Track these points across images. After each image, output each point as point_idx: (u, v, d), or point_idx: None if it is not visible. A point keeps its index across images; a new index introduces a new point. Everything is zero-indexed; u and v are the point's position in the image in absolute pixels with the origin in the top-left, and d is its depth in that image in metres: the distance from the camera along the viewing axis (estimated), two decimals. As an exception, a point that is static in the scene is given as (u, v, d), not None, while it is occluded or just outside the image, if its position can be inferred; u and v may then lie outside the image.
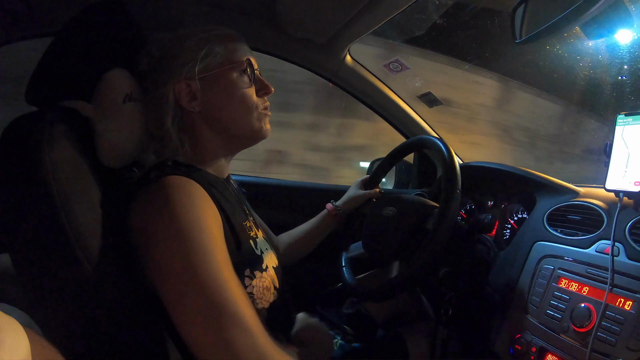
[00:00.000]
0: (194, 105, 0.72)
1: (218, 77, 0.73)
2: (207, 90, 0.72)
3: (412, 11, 1.95)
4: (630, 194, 0.76)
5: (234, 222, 0.72)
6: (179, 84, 0.71)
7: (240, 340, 0.55)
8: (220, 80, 0.73)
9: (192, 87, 0.72)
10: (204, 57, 0.72)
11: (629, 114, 0.78)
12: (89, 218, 0.60)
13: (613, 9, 0.64)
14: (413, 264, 0.80)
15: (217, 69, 0.73)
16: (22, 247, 0.57)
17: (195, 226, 0.60)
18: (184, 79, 0.71)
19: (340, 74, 1.27)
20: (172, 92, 0.71)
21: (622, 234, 0.72)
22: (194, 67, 0.71)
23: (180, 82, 0.71)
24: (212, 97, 0.73)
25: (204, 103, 0.73)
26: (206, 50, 0.72)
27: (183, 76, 0.71)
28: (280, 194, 1.45)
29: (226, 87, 0.74)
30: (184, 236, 0.58)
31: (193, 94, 0.72)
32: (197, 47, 0.72)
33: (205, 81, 0.72)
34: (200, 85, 0.72)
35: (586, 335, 0.67)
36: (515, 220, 1.04)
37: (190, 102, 0.72)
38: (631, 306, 0.64)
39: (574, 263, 0.76)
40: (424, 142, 1.01)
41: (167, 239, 0.59)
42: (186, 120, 0.73)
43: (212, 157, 0.78)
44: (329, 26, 1.04)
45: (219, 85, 0.73)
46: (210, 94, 0.73)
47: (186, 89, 0.72)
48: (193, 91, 0.72)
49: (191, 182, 0.65)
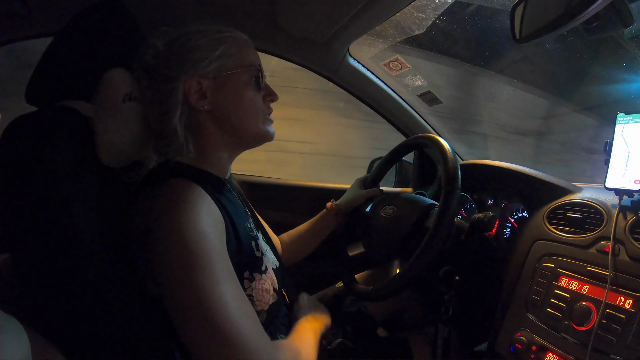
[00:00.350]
0: (203, 103, 0.72)
1: (230, 79, 0.73)
2: (217, 90, 0.72)
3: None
4: (630, 193, 0.76)
5: (237, 223, 0.71)
6: (190, 80, 0.70)
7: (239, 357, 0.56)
8: (232, 82, 0.73)
9: (203, 85, 0.71)
10: (219, 57, 0.72)
11: (629, 113, 0.78)
12: (89, 217, 0.60)
13: (612, 6, 0.64)
14: (413, 262, 0.80)
15: (231, 70, 0.73)
16: (23, 246, 0.57)
17: (197, 236, 0.59)
18: (196, 75, 0.71)
19: (340, 73, 1.27)
20: (183, 88, 0.70)
21: (622, 233, 0.72)
22: (208, 65, 0.71)
23: (192, 78, 0.70)
24: (222, 98, 0.73)
25: (212, 102, 0.72)
26: (221, 50, 0.72)
27: (196, 72, 0.70)
28: (280, 193, 1.46)
29: (237, 90, 0.74)
30: (185, 247, 0.58)
31: (203, 92, 0.72)
32: (212, 46, 0.72)
33: (217, 81, 0.72)
34: (212, 85, 0.72)
35: (586, 333, 0.67)
36: (515, 218, 1.05)
37: (200, 100, 0.72)
38: (631, 305, 0.64)
39: (574, 262, 0.76)
40: (424, 141, 1.01)
41: (169, 248, 0.58)
42: (192, 118, 0.72)
43: (216, 157, 0.77)
44: (329, 25, 1.04)
45: (231, 87, 0.73)
46: (220, 95, 0.72)
47: (196, 86, 0.71)
48: (203, 89, 0.71)
49: (194, 187, 0.65)
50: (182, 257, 0.57)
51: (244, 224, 0.75)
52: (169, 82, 0.70)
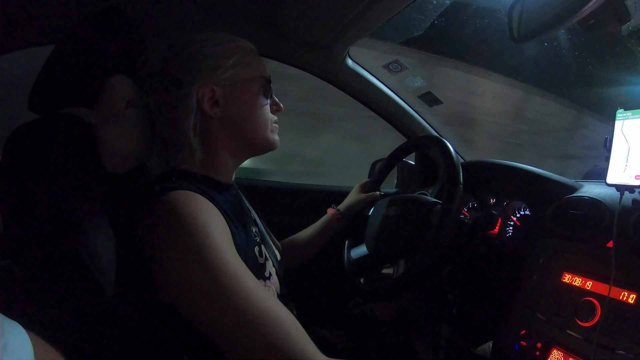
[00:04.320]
0: (216, 110, 0.72)
1: (243, 88, 0.74)
2: (230, 99, 0.73)
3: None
4: (631, 188, 0.76)
5: (241, 230, 0.72)
6: (204, 87, 0.70)
7: (280, 338, 0.58)
8: (244, 91, 0.74)
9: (217, 92, 0.71)
10: (233, 66, 0.72)
11: (628, 108, 0.79)
12: (93, 224, 0.60)
13: (609, 3, 0.65)
14: (416, 263, 0.80)
15: (244, 79, 0.74)
16: (27, 254, 0.57)
17: (207, 240, 0.60)
18: (211, 82, 0.71)
19: (340, 75, 1.28)
20: (196, 94, 0.70)
21: (624, 228, 0.72)
22: (224, 72, 0.71)
23: (206, 84, 0.71)
24: (234, 105, 0.73)
25: (224, 110, 0.73)
26: (235, 59, 0.72)
27: (211, 80, 0.71)
28: (281, 196, 1.46)
29: (249, 99, 0.75)
30: (198, 252, 0.59)
31: (215, 100, 0.72)
32: (226, 54, 0.72)
33: (230, 89, 0.72)
34: (225, 92, 0.72)
35: (591, 329, 0.67)
36: (517, 217, 1.05)
37: (212, 107, 0.72)
38: (635, 300, 0.64)
39: (577, 258, 0.76)
40: (425, 142, 1.01)
41: (181, 257, 0.59)
42: (203, 124, 0.72)
43: (222, 163, 0.77)
44: (328, 28, 1.05)
45: (243, 95, 0.74)
46: (232, 103, 0.73)
47: (209, 93, 0.71)
48: (216, 97, 0.72)
49: (197, 197, 0.65)
50: (200, 261, 0.58)
51: (248, 230, 0.76)
52: (181, 87, 0.70)
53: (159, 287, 0.62)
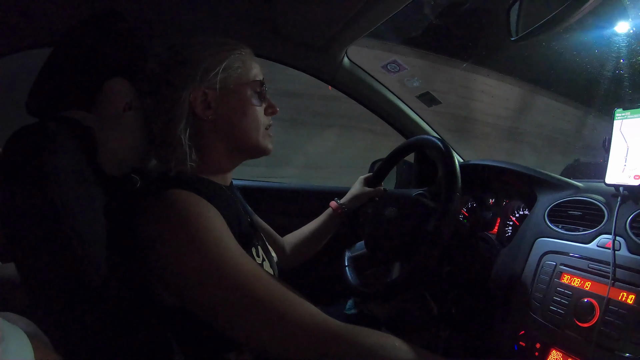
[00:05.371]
0: (208, 113, 0.73)
1: (235, 91, 0.74)
2: (222, 102, 0.73)
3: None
4: (630, 188, 0.76)
5: (239, 231, 0.72)
6: (196, 90, 0.71)
7: (297, 318, 0.59)
8: (236, 95, 0.74)
9: (209, 95, 0.72)
10: (225, 69, 0.73)
11: (627, 108, 0.79)
12: (92, 226, 0.61)
13: (607, 2, 0.65)
14: (416, 263, 0.80)
15: (236, 83, 0.74)
16: (28, 256, 0.57)
17: (206, 231, 0.61)
18: (203, 86, 0.71)
19: (338, 76, 1.28)
20: (188, 97, 0.71)
21: (623, 228, 0.72)
22: (215, 76, 0.72)
23: (198, 88, 0.71)
24: (227, 109, 0.74)
25: (217, 113, 0.73)
26: (228, 62, 0.73)
27: (203, 83, 0.71)
28: (281, 197, 1.46)
29: (241, 102, 0.75)
30: (200, 245, 0.60)
31: (208, 103, 0.72)
32: (219, 57, 0.73)
33: (223, 92, 0.73)
34: (217, 96, 0.72)
35: (590, 330, 0.67)
36: (516, 217, 1.05)
37: (205, 110, 0.73)
38: (634, 300, 0.64)
39: (575, 258, 0.76)
40: (423, 142, 1.01)
41: (185, 253, 0.60)
42: (196, 127, 0.73)
43: (217, 166, 0.78)
44: (326, 29, 1.04)
45: (235, 99, 0.74)
46: (224, 106, 0.73)
47: (202, 97, 0.72)
48: (208, 100, 0.72)
49: (194, 196, 0.65)
50: (200, 255, 0.59)
51: (245, 231, 0.76)
52: (175, 91, 0.71)
53: (159, 284, 0.63)
